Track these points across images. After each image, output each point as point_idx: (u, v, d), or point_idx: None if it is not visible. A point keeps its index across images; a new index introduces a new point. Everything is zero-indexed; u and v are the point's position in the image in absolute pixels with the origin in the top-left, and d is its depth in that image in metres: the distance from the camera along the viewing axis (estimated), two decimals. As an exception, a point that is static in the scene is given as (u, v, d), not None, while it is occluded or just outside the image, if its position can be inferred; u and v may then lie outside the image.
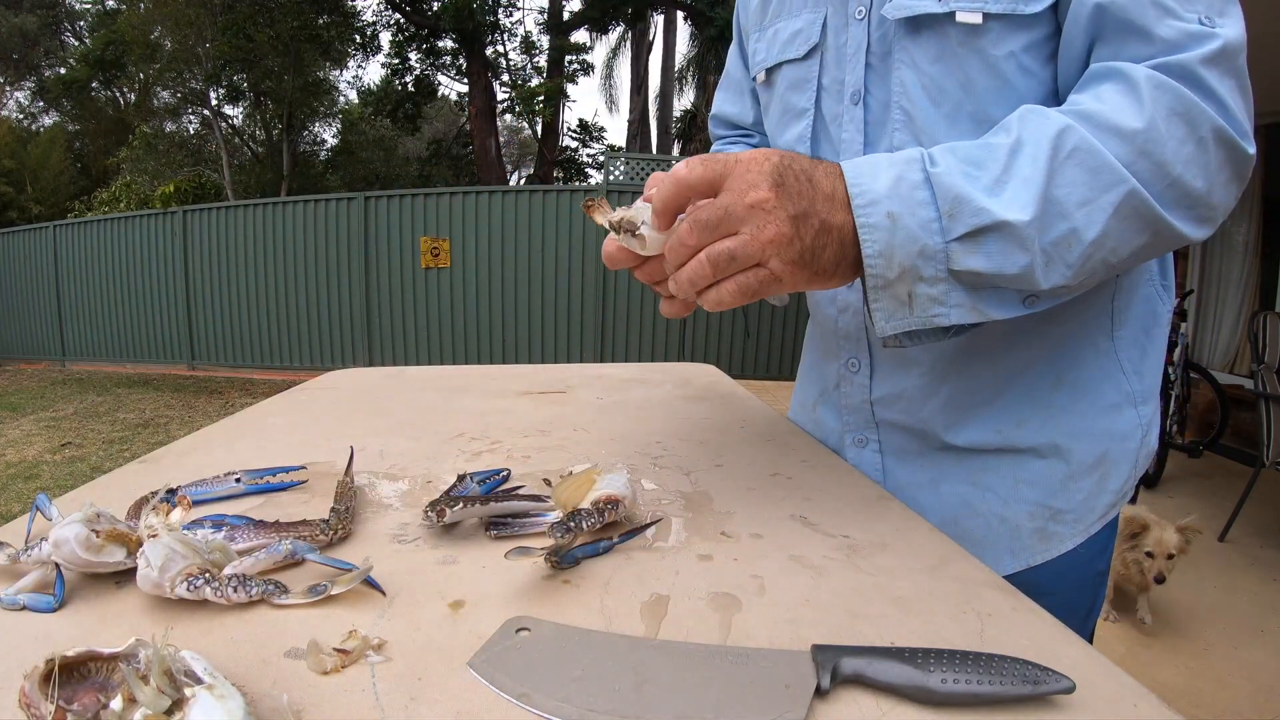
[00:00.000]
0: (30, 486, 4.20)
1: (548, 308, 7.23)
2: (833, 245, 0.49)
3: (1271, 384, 3.10)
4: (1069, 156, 0.49)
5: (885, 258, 0.49)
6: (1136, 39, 0.53)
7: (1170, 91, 0.50)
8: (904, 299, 0.50)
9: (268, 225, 7.62)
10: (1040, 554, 0.68)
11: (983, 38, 0.59)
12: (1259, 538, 3.15)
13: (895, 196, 0.49)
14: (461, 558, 0.50)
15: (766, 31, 0.78)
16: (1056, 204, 0.49)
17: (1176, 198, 0.51)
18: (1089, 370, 0.66)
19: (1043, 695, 0.34)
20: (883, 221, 0.48)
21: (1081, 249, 0.50)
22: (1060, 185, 0.49)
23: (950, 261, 0.49)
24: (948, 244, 0.49)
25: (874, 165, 0.50)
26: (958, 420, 0.69)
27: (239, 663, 0.37)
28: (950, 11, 0.59)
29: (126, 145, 13.60)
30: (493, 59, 14.86)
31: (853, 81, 0.68)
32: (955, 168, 0.50)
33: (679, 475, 0.68)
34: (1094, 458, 0.67)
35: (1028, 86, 0.60)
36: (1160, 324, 0.69)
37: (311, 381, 1.14)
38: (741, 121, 0.93)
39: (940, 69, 0.62)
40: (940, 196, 0.49)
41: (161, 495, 0.53)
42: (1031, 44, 0.59)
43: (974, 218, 0.48)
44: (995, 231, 0.48)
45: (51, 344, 8.84)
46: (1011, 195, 0.48)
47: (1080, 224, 0.49)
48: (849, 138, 0.69)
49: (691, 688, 0.35)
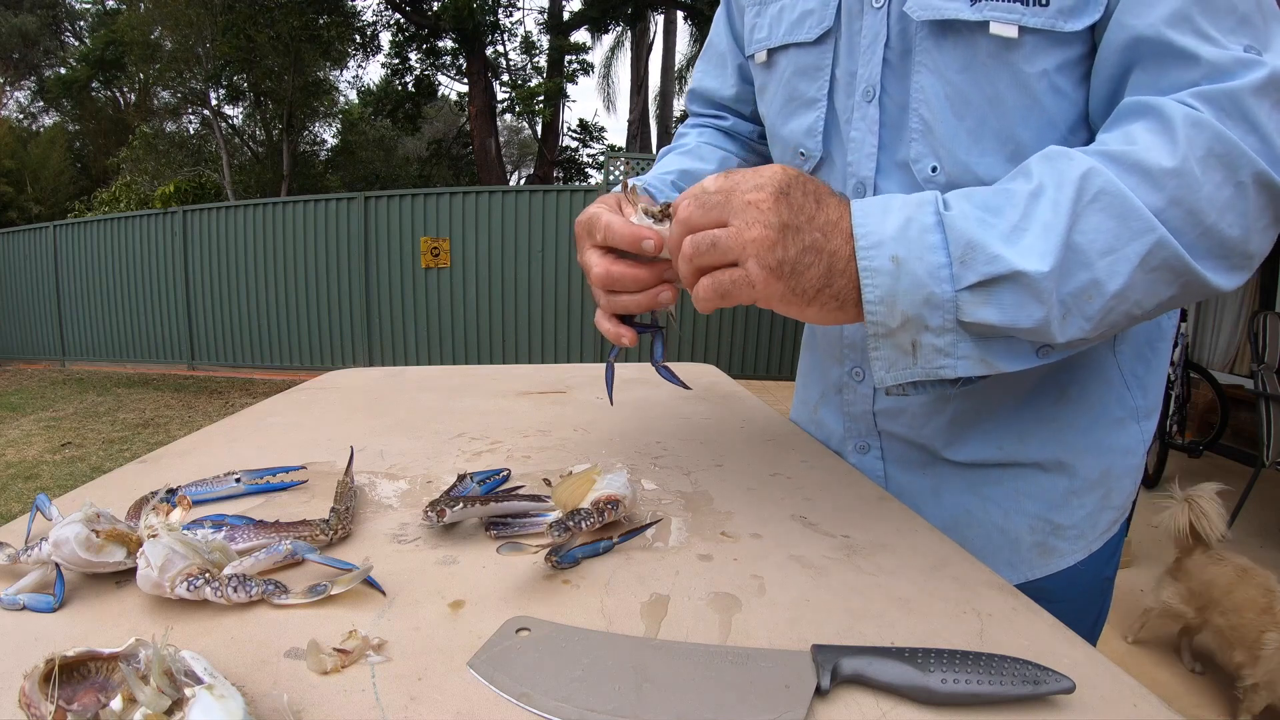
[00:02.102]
0: (30, 486, 4.20)
1: (548, 308, 7.23)
2: (818, 267, 0.47)
3: (1271, 384, 3.10)
4: (1094, 200, 0.46)
5: (887, 305, 0.47)
6: (1178, 63, 0.50)
7: (1208, 131, 0.47)
8: (907, 349, 0.48)
9: (268, 225, 7.61)
10: (1039, 568, 0.67)
11: (1015, 52, 0.55)
12: (1259, 538, 3.15)
13: (903, 239, 0.46)
14: (461, 558, 0.50)
15: (770, 6, 0.71)
16: (1078, 251, 0.46)
17: (1210, 247, 0.48)
18: (1093, 385, 0.65)
19: (1043, 695, 0.34)
20: (886, 265, 0.46)
21: (1103, 301, 0.46)
22: (1083, 231, 0.46)
23: (959, 312, 0.46)
24: (957, 293, 0.46)
25: (885, 206, 0.48)
26: (959, 437, 0.67)
27: (239, 663, 0.37)
28: (984, 21, 0.55)
29: (126, 145, 13.60)
30: (493, 59, 14.86)
31: (866, 76, 0.63)
32: (970, 213, 0.47)
33: (679, 475, 0.68)
34: (1098, 473, 0.66)
35: (1058, 107, 0.57)
36: (1164, 338, 0.68)
37: (311, 381, 1.14)
38: (721, 97, 0.86)
39: (966, 79, 0.58)
40: (952, 241, 0.46)
41: (161, 495, 0.53)
42: (1065, 63, 0.55)
43: (988, 266, 0.45)
44: (1010, 282, 0.45)
45: (51, 344, 8.84)
46: (1030, 243, 0.45)
47: (1103, 275, 0.46)
48: (859, 137, 0.64)
49: (691, 688, 0.35)
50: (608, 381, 0.69)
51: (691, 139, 0.87)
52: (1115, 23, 0.52)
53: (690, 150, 0.84)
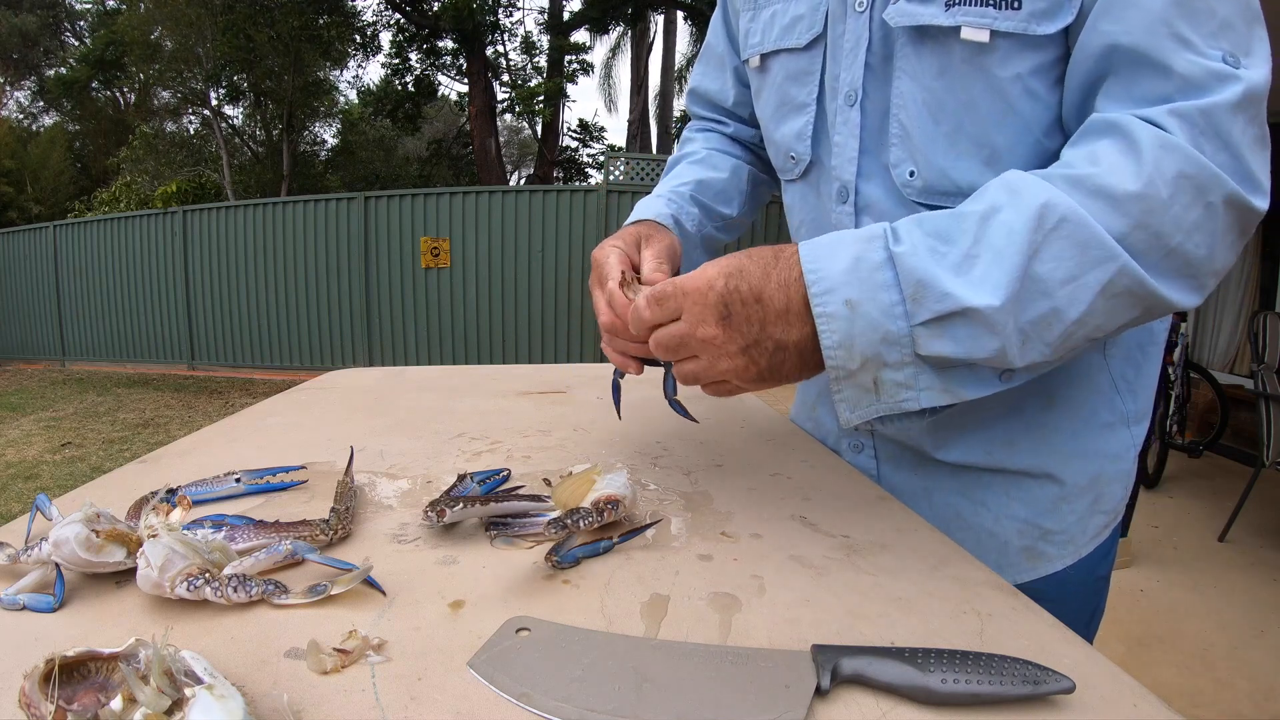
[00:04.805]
0: (30, 486, 4.20)
1: (548, 308, 7.23)
2: (791, 359, 0.49)
3: (1271, 384, 3.09)
4: (1055, 229, 0.46)
5: (845, 348, 0.47)
6: (1152, 74, 0.49)
7: (1177, 153, 0.46)
8: (869, 386, 0.48)
9: (268, 225, 7.62)
10: (1027, 572, 0.67)
11: (989, 57, 0.55)
12: (1259, 538, 3.15)
13: (854, 280, 0.46)
14: (461, 558, 0.50)
15: (762, 11, 0.71)
16: (1038, 281, 0.46)
17: (1175, 266, 0.48)
18: (1081, 390, 0.64)
19: (1043, 695, 0.34)
20: (841, 310, 0.46)
21: (1063, 328, 0.47)
22: (1043, 260, 0.46)
23: (916, 345, 0.46)
24: (913, 328, 0.46)
25: (833, 246, 0.48)
26: (947, 440, 0.67)
27: (239, 663, 0.37)
28: (956, 26, 0.55)
29: (126, 145, 13.60)
30: (493, 59, 14.86)
31: (849, 80, 0.63)
32: (921, 244, 0.47)
33: (679, 475, 0.68)
34: (1087, 479, 0.65)
35: (1032, 111, 0.56)
36: (1155, 341, 0.67)
37: (311, 381, 1.14)
38: (721, 101, 0.87)
39: (943, 85, 0.58)
40: (903, 279, 0.46)
41: (161, 495, 0.53)
42: (1039, 67, 0.55)
43: (938, 304, 0.45)
44: (962, 317, 0.45)
45: (51, 344, 8.84)
46: (981, 274, 0.45)
47: (1063, 303, 0.46)
48: (842, 140, 0.65)
49: (691, 688, 0.35)
50: (615, 398, 0.72)
51: (699, 145, 0.87)
52: (1090, 28, 0.51)
53: (701, 159, 0.84)
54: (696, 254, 0.78)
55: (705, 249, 0.81)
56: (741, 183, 0.84)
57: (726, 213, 0.82)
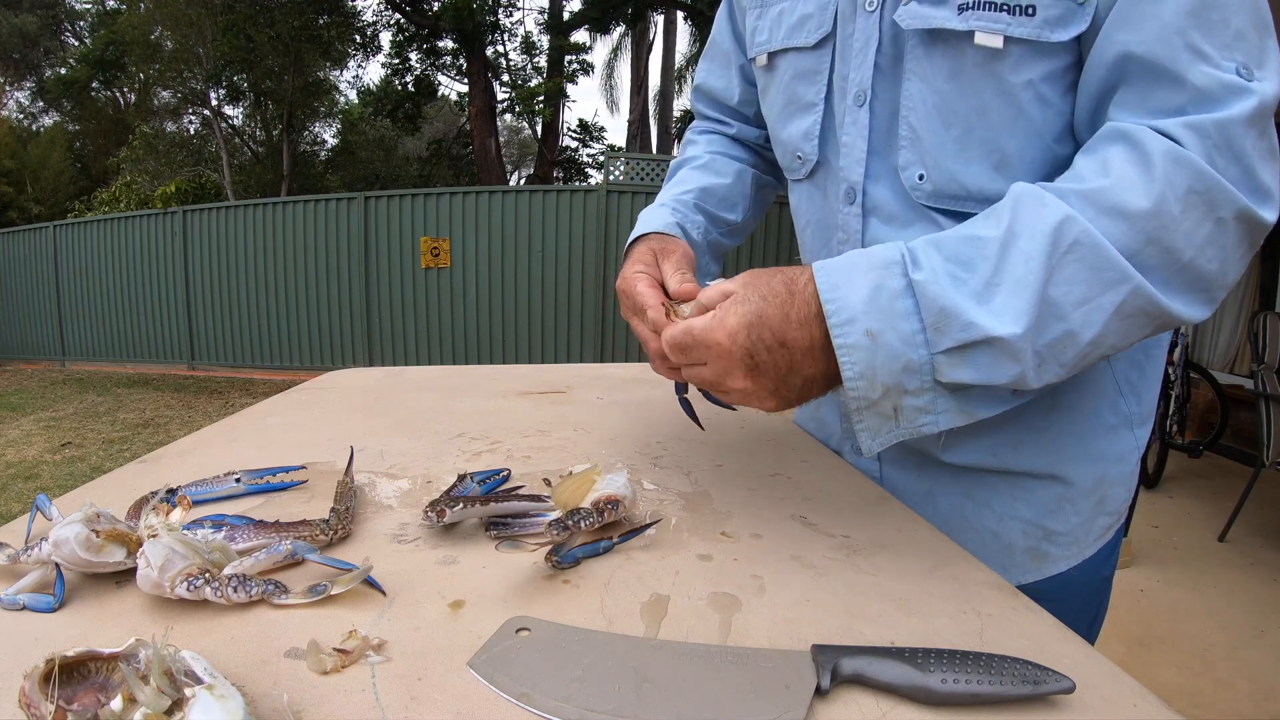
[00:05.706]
0: (30, 486, 4.20)
1: (548, 308, 7.23)
2: (818, 387, 0.52)
3: (1271, 384, 3.09)
4: (1068, 252, 0.46)
5: (867, 379, 0.48)
6: (1166, 85, 0.49)
7: (1189, 168, 0.46)
8: (889, 414, 0.49)
9: (268, 225, 7.61)
10: (1032, 573, 0.67)
11: (1001, 62, 0.54)
12: (1259, 538, 3.15)
13: (874, 310, 0.47)
14: (461, 558, 0.50)
15: (770, 9, 0.70)
16: (1053, 305, 0.46)
17: (1187, 281, 0.48)
18: (1086, 393, 0.64)
19: (1043, 695, 0.34)
20: (862, 341, 0.47)
21: (1078, 350, 0.47)
22: (1058, 284, 0.46)
23: (936, 373, 0.47)
24: (933, 356, 0.46)
25: (850, 271, 0.48)
26: (953, 442, 0.67)
27: (239, 663, 0.38)
28: (969, 31, 0.54)
29: (126, 145, 13.59)
30: (493, 59, 14.86)
31: (858, 80, 0.62)
32: (941, 270, 0.47)
33: (679, 475, 0.68)
34: (1092, 481, 0.65)
35: (1043, 117, 0.56)
36: (1159, 344, 0.67)
37: (311, 381, 1.14)
38: (726, 99, 0.85)
39: (954, 88, 0.57)
40: (924, 308, 0.46)
41: (161, 495, 0.53)
42: (1051, 73, 0.55)
43: (962, 333, 0.45)
44: (985, 345, 0.46)
45: (51, 344, 8.84)
46: (1003, 303, 0.46)
47: (1077, 325, 0.46)
48: (850, 141, 0.64)
49: (691, 688, 0.35)
50: (689, 413, 0.71)
51: (701, 149, 0.86)
52: (1105, 37, 0.51)
53: (704, 165, 0.83)
54: (703, 260, 0.78)
55: (712, 255, 0.81)
56: (745, 187, 0.84)
57: (731, 219, 0.82)
